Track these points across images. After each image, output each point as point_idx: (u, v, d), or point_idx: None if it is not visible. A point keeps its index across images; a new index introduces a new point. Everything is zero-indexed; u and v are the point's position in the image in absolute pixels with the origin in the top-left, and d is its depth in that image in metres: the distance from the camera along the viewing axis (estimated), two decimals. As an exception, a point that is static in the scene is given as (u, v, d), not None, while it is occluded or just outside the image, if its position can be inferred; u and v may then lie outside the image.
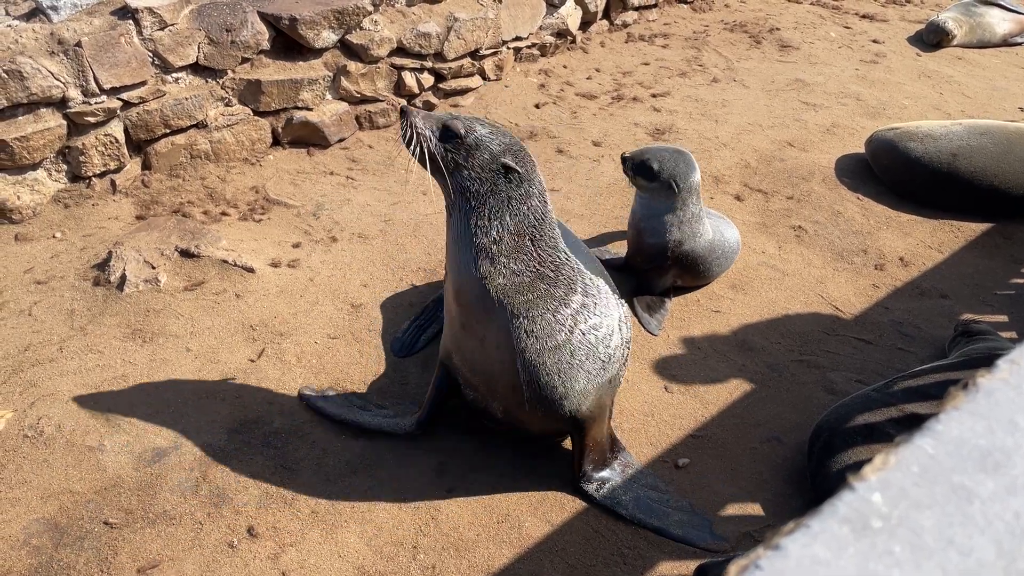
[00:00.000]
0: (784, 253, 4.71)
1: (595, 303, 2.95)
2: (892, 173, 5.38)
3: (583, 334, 2.89)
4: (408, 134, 2.85)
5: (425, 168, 2.85)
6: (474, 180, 2.83)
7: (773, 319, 4.16)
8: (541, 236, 2.85)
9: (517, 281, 2.81)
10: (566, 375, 2.88)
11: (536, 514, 3.01)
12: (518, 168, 2.82)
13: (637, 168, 3.96)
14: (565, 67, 7.00)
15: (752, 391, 3.68)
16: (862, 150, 5.72)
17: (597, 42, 7.53)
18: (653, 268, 4.13)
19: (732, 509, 3.10)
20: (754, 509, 3.11)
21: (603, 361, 2.95)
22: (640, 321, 4.02)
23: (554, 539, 2.92)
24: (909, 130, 5.43)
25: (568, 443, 3.23)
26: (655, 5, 8.22)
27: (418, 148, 2.84)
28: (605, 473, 3.15)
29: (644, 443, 3.36)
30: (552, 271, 2.85)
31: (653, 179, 3.94)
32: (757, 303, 4.26)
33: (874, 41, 8.10)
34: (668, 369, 3.77)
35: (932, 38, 8.02)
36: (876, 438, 3.01)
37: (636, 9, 8.01)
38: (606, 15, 7.77)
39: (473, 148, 2.84)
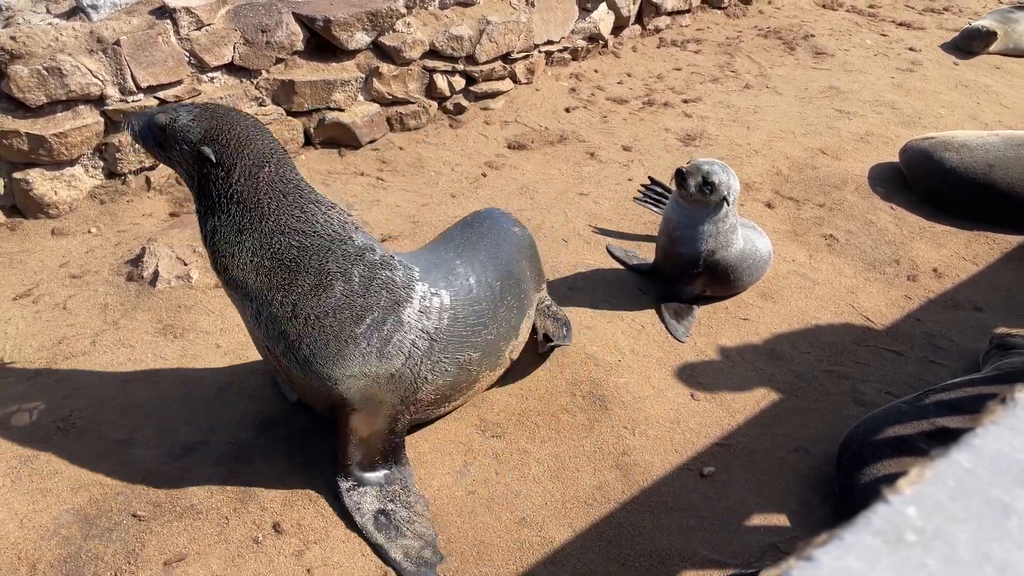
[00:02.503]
0: (815, 262, 4.66)
1: (339, 287, 2.77)
2: (927, 183, 5.31)
3: (314, 318, 2.75)
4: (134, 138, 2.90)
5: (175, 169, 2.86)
6: (187, 175, 2.82)
7: (803, 328, 4.11)
8: (259, 223, 2.72)
9: (240, 273, 2.75)
10: (302, 358, 2.78)
11: (558, 518, 3.00)
12: (211, 157, 2.70)
13: (702, 185, 3.84)
14: (596, 71, 6.99)
15: (780, 400, 3.64)
16: (896, 159, 5.65)
17: (629, 47, 7.51)
18: (682, 275, 4.11)
19: (758, 519, 3.07)
20: (780, 520, 3.07)
21: (362, 350, 2.80)
22: (668, 328, 4.00)
23: (575, 543, 2.91)
24: (945, 140, 5.35)
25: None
26: (688, 10, 8.18)
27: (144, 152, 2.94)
28: (368, 475, 3.02)
29: (669, 450, 3.34)
30: (269, 260, 2.72)
31: (711, 193, 3.86)
32: (786, 312, 4.22)
33: (910, 49, 7.99)
34: (695, 377, 3.75)
35: (971, 45, 7.90)
36: (906, 451, 2.97)
37: (669, 14, 7.98)
38: (639, 20, 7.75)
39: (174, 141, 2.77)
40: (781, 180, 5.47)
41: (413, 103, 5.74)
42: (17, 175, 4.33)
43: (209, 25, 4.78)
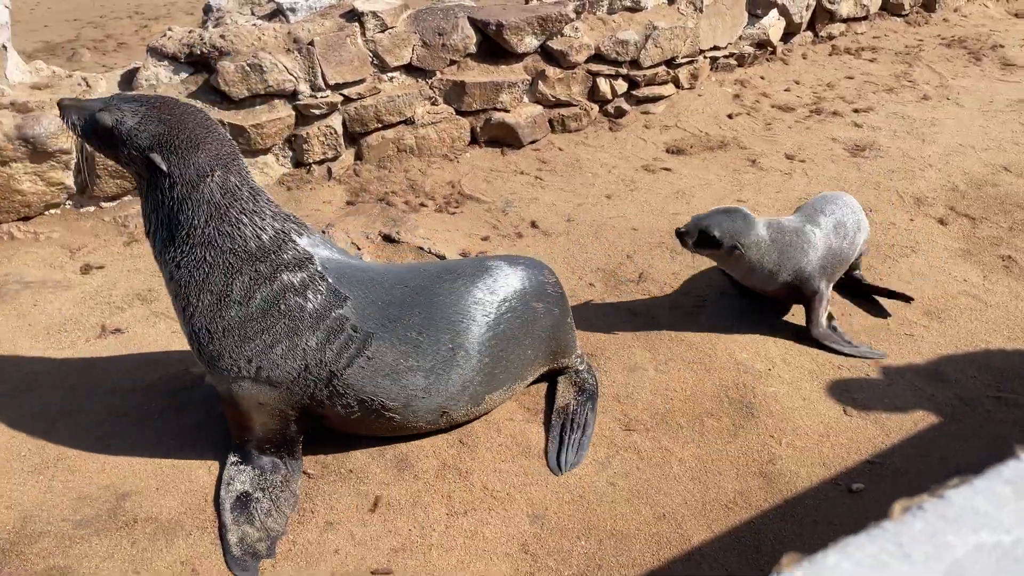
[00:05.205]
0: (989, 283, 4.41)
1: (235, 310, 2.86)
2: None
3: (211, 330, 2.87)
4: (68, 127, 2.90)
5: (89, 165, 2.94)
6: (135, 174, 2.89)
7: (971, 351, 3.91)
8: (188, 234, 2.83)
9: (169, 267, 2.89)
10: (204, 357, 2.92)
11: (697, 518, 3.03)
12: (162, 166, 2.77)
13: (700, 242, 3.68)
14: (762, 78, 6.88)
15: (940, 424, 3.49)
16: (1092, 179, 5.23)
17: (798, 54, 7.33)
18: (805, 299, 3.94)
19: (906, 541, 2.98)
20: (931, 544, 2.97)
21: (252, 368, 2.89)
22: (849, 353, 3.81)
23: (714, 544, 2.94)
24: None
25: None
26: (865, 17, 7.88)
27: (80, 143, 2.94)
28: (256, 456, 3.08)
29: (817, 463, 3.29)
30: (188, 273, 2.85)
31: (718, 246, 3.68)
32: (953, 333, 4.03)
33: (1118, 61, 7.34)
34: (849, 391, 3.66)
35: None
36: (1079, 486, 2.79)
37: (844, 21, 7.72)
38: (811, 26, 7.55)
39: (122, 142, 2.80)
40: (957, 196, 5.19)
41: (575, 106, 5.88)
42: (218, 161, 4.81)
43: (392, 28, 5.12)
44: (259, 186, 3.02)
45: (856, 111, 6.38)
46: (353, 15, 5.05)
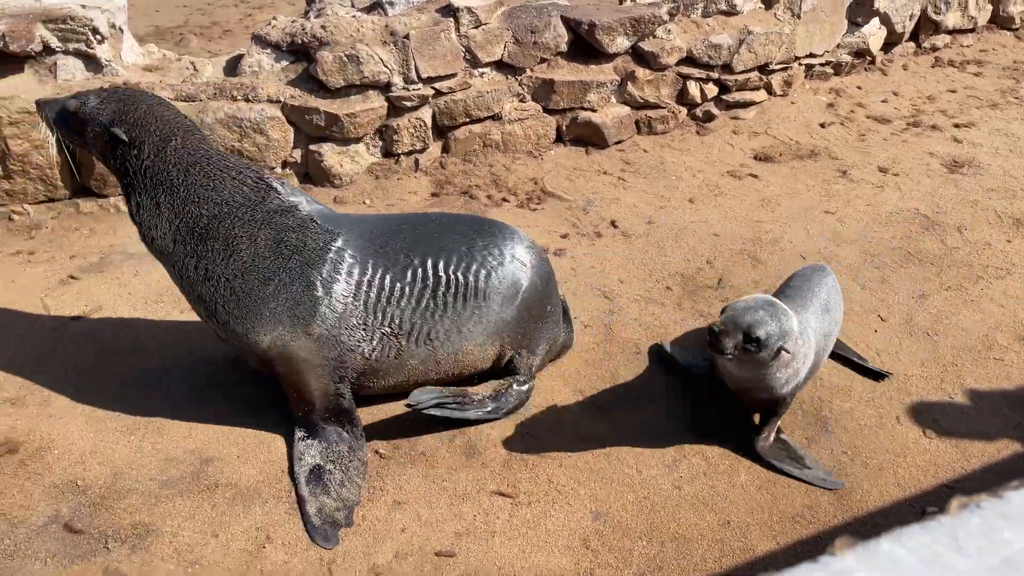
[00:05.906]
0: (1090, 312, 4.21)
1: (245, 251, 3.01)
2: None
3: (225, 281, 3.01)
4: (43, 130, 3.23)
5: (72, 159, 3.25)
6: (102, 157, 3.14)
7: (1064, 381, 3.75)
8: (171, 195, 3.02)
9: (162, 242, 3.07)
10: (220, 319, 3.06)
11: (763, 528, 3.00)
12: (123, 136, 3.00)
13: (744, 344, 2.91)
14: (859, 88, 6.70)
15: (1025, 453, 3.37)
16: None
17: (899, 64, 7.11)
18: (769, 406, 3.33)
19: (981, 571, 2.89)
20: None
21: (271, 309, 3.00)
22: (800, 477, 3.21)
23: (779, 556, 2.90)
24: None
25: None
26: (972, 30, 7.58)
27: (51, 138, 3.19)
28: (320, 427, 3.19)
29: (891, 483, 3.22)
30: (185, 229, 3.02)
31: (760, 350, 2.94)
32: (1047, 361, 3.87)
33: None
34: (930, 413, 3.56)
35: None
36: None
37: (949, 33, 7.45)
38: (913, 37, 7.31)
39: (86, 124, 3.07)
40: (1060, 219, 4.97)
41: (663, 108, 5.85)
42: (312, 147, 4.99)
43: (486, 24, 5.20)
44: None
45: (957, 126, 6.16)
46: (449, 10, 5.14)
